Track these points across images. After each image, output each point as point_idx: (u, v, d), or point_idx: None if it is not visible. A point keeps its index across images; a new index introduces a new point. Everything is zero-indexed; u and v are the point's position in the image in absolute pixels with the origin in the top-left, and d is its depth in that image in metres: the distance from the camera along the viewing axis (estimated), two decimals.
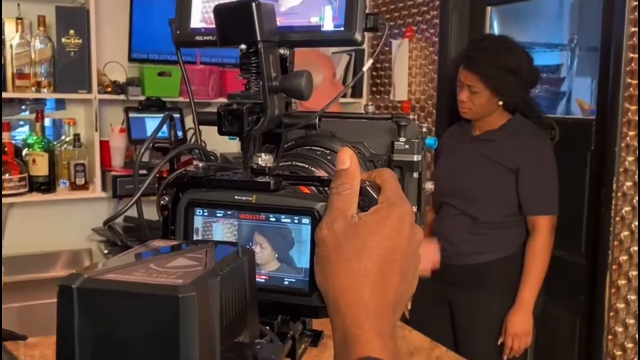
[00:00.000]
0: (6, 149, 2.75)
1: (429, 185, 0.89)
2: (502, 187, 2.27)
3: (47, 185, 2.85)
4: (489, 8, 2.93)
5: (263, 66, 0.62)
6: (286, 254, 0.63)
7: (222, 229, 0.64)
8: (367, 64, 0.82)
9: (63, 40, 2.79)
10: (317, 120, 0.71)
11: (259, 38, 0.61)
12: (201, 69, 3.02)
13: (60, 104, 3.12)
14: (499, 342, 2.26)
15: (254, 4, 0.61)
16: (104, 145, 3.01)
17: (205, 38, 0.71)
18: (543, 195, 2.23)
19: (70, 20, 2.79)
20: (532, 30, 3.46)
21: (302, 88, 0.62)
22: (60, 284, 0.43)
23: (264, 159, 0.65)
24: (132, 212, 0.71)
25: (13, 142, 2.86)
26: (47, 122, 3.06)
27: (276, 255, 0.63)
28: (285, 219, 0.63)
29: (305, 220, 0.63)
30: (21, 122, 3.16)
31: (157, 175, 0.69)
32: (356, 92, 3.36)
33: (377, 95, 3.41)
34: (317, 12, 0.66)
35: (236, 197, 0.64)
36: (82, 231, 3.05)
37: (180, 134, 2.79)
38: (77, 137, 2.96)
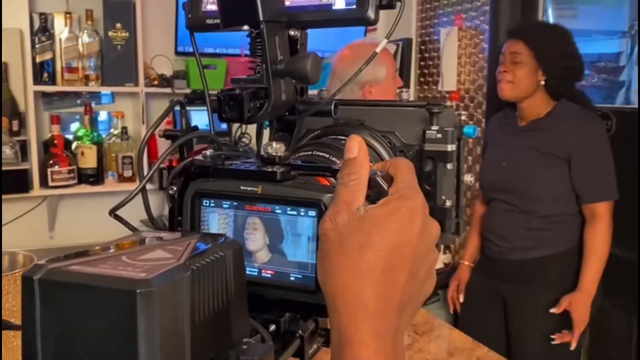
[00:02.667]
0: (56, 141, 2.80)
1: (468, 178, 0.83)
2: (555, 178, 2.17)
3: (95, 177, 2.89)
4: None
5: (266, 48, 0.58)
6: (287, 247, 0.59)
7: (218, 219, 0.61)
8: (382, 44, 0.76)
9: (110, 33, 2.82)
10: (332, 107, 0.67)
11: (261, 18, 0.57)
12: (245, 61, 3.00)
13: (109, 97, 3.16)
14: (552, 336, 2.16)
15: None
16: (151, 138, 3.03)
17: (215, 21, 0.68)
18: (600, 181, 2.13)
19: (117, 14, 2.82)
20: (589, 16, 3.30)
21: (307, 71, 0.58)
22: (24, 274, 0.41)
23: (275, 148, 0.61)
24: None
25: (65, 135, 2.93)
26: (103, 115, 3.11)
27: (267, 242, 0.59)
28: (291, 211, 0.60)
29: (312, 213, 0.59)
30: (77, 116, 3.21)
31: (168, 164, 0.67)
32: (403, 83, 3.28)
33: (424, 86, 3.33)
34: None
35: (242, 187, 0.61)
36: (129, 222, 3.08)
37: (225, 127, 2.79)
38: (124, 130, 3.00)
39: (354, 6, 0.60)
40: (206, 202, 0.63)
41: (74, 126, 3.10)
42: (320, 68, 0.60)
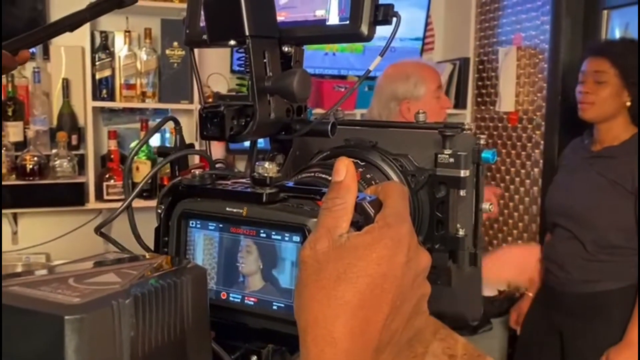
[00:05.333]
0: (112, 156, 2.87)
1: (487, 206, 0.79)
2: (617, 209, 2.04)
3: (149, 192, 2.94)
4: (605, 12, 2.69)
5: (252, 64, 0.55)
6: (270, 273, 0.56)
7: (203, 240, 0.59)
8: (375, 62, 0.72)
9: (167, 52, 2.88)
10: (328, 127, 0.64)
11: (247, 33, 0.55)
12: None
13: (166, 114, 3.22)
14: None
15: None
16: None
17: None
18: None
19: (174, 33, 2.87)
20: None
21: (293, 88, 0.55)
22: None
23: (266, 168, 0.59)
24: None
25: (125, 151, 3.00)
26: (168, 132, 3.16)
27: (261, 267, 0.57)
28: (275, 236, 0.57)
29: (296, 238, 0.56)
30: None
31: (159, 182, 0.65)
32: (460, 103, 3.21)
33: (482, 106, 3.25)
34: (324, 4, 0.59)
35: (227, 208, 0.59)
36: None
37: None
38: None
39: (347, 22, 0.57)
40: (193, 223, 0.61)
41: (134, 142, 3.16)
42: (309, 85, 0.57)
